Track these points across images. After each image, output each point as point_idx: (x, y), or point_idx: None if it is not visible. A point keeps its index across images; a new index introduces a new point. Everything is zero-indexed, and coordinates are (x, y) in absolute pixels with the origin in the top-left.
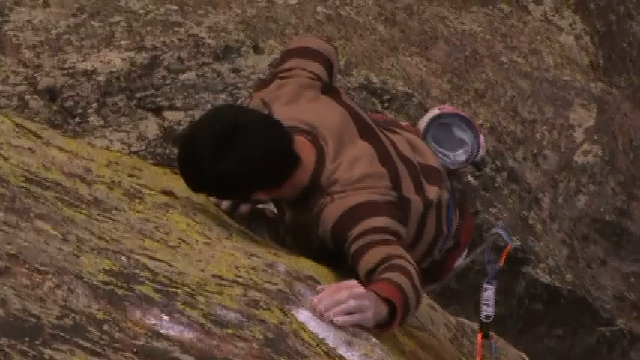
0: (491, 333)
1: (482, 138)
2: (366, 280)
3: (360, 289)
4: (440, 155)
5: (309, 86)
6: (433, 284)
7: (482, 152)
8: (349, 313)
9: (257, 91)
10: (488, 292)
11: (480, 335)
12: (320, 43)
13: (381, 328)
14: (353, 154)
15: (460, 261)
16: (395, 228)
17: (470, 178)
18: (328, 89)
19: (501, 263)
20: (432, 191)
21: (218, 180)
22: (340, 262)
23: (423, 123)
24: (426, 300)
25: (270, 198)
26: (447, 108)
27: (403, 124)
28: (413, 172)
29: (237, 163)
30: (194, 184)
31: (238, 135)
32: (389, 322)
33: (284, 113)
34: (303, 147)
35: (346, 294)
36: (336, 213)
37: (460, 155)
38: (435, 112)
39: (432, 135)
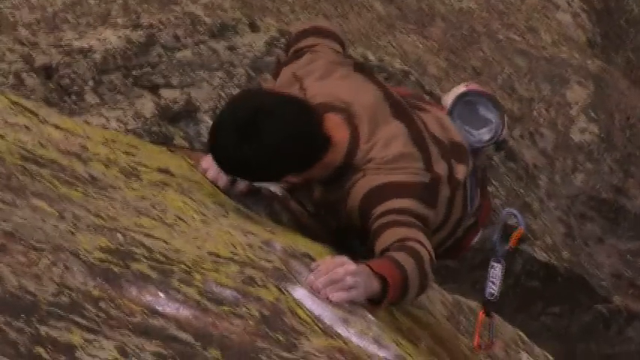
0: (493, 312)
1: (505, 117)
2: None
3: (353, 266)
4: (464, 133)
5: (340, 63)
6: (450, 260)
7: (505, 131)
8: (345, 289)
9: (286, 65)
10: (496, 271)
11: (481, 313)
12: (329, 24)
13: (373, 304)
14: (388, 134)
15: (477, 239)
16: (420, 211)
17: None
18: (359, 67)
19: (513, 243)
20: (461, 171)
21: (243, 166)
22: (365, 240)
23: (448, 99)
24: None
25: (301, 180)
26: (473, 86)
27: (427, 98)
28: (443, 152)
29: (260, 149)
30: (224, 170)
31: (261, 120)
32: (382, 298)
33: (317, 88)
34: (335, 126)
35: (342, 271)
36: (365, 188)
37: (484, 134)
38: (460, 89)
39: (457, 112)
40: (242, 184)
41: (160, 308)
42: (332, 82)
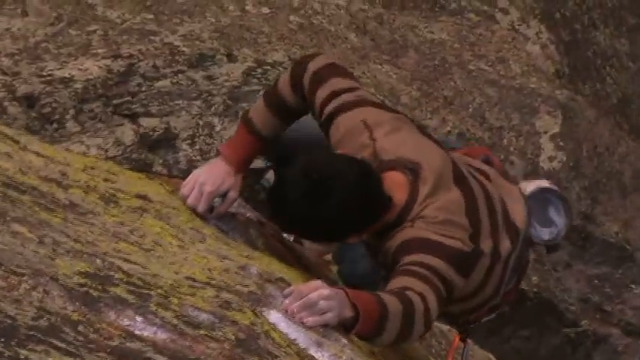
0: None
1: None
2: None
3: (327, 290)
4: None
5: (406, 122)
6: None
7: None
8: (318, 314)
9: (344, 111)
10: None
11: (457, 337)
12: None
13: (346, 330)
14: (445, 199)
15: (488, 318)
16: (448, 275)
17: None
18: (420, 127)
19: None
20: (505, 246)
21: (308, 229)
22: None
23: (529, 186)
24: None
25: (360, 239)
26: (555, 187)
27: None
28: (494, 227)
29: (328, 215)
30: (285, 229)
31: (328, 185)
32: (352, 327)
33: (387, 142)
34: (396, 186)
35: (315, 296)
36: (406, 236)
37: (545, 233)
38: (545, 183)
39: (530, 202)
40: (223, 207)
41: (137, 332)
42: (401, 139)
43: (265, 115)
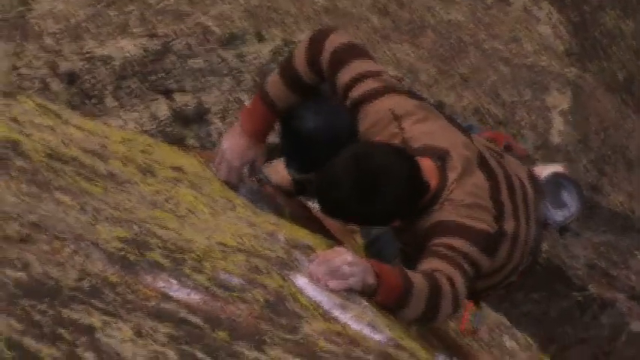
0: (481, 303)
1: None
2: None
3: (350, 256)
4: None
5: (430, 109)
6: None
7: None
8: (342, 278)
9: (371, 99)
10: None
11: (471, 302)
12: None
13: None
14: (471, 182)
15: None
16: (475, 257)
17: None
18: (446, 115)
19: None
20: (524, 227)
21: (361, 218)
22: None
23: (543, 171)
24: None
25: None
26: (568, 171)
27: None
28: (515, 206)
29: (380, 209)
30: (335, 217)
31: (382, 180)
32: (373, 294)
33: (415, 131)
34: (429, 174)
35: (339, 261)
36: (436, 219)
37: (558, 215)
38: (559, 168)
39: (545, 186)
40: (249, 175)
41: (172, 294)
42: (428, 127)
43: (281, 88)
